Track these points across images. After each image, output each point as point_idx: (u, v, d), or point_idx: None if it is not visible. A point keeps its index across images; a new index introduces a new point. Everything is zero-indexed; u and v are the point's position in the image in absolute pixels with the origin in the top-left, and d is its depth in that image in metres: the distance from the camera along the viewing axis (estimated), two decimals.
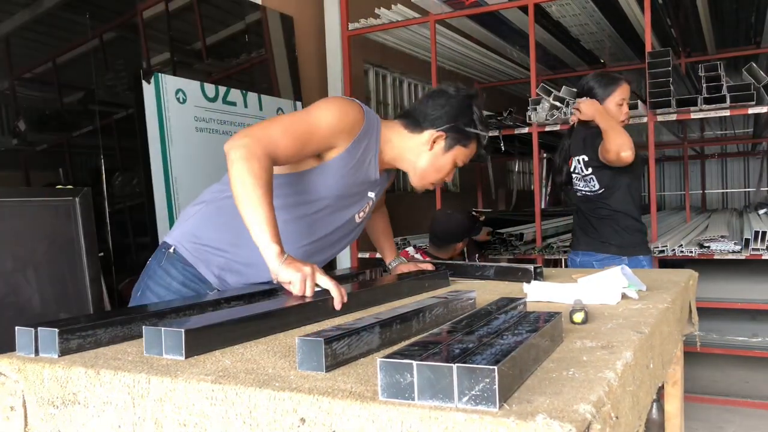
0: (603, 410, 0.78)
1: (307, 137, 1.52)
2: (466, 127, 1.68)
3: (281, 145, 1.47)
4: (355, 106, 1.61)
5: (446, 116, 1.67)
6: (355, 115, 1.59)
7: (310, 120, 1.53)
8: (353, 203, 1.71)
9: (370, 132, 1.64)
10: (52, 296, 2.33)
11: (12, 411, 1.06)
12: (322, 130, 1.54)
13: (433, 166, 1.71)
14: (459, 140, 1.69)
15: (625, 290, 1.54)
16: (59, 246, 2.37)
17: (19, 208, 2.28)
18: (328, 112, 1.55)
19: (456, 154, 1.70)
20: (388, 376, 0.78)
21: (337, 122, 1.55)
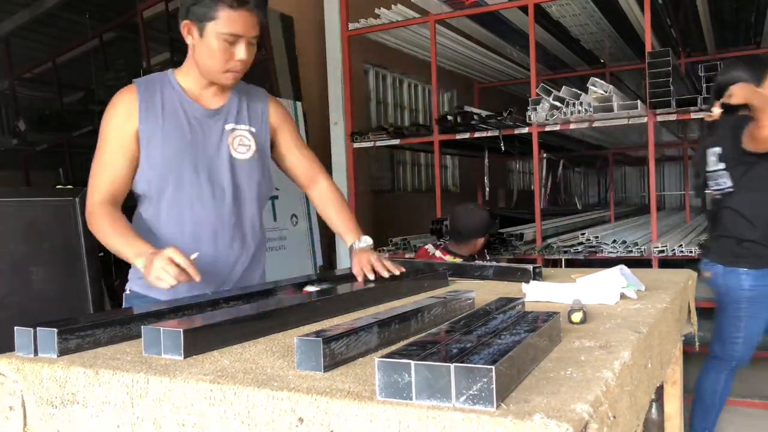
0: (600, 410, 0.78)
1: (109, 157, 1.64)
2: (199, 4, 1.57)
3: (102, 183, 1.63)
4: (121, 91, 1.68)
5: (183, 6, 1.61)
6: (121, 98, 1.66)
7: (100, 143, 1.66)
8: (213, 146, 1.68)
9: (155, 90, 1.67)
10: (52, 296, 2.33)
11: (11, 411, 1.06)
12: (111, 139, 1.64)
13: (204, 55, 1.62)
14: (203, 16, 1.57)
15: (623, 290, 1.54)
16: (59, 246, 2.37)
17: (19, 208, 2.29)
18: (104, 122, 1.66)
19: (211, 31, 1.58)
20: (386, 376, 0.78)
21: (113, 119, 1.65)
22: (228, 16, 1.56)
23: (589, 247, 3.87)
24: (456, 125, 4.07)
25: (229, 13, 1.56)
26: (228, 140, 1.70)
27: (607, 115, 3.55)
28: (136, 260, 1.49)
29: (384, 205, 5.84)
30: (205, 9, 1.56)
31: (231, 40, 1.59)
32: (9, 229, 2.24)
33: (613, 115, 3.55)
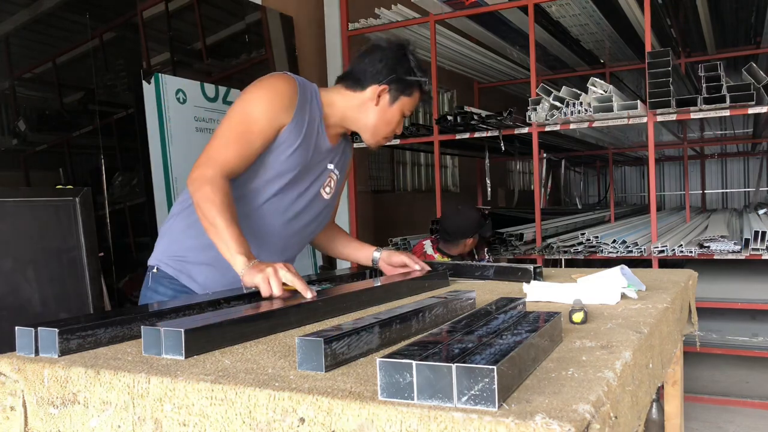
0: (602, 410, 0.78)
1: (249, 136, 1.57)
2: (406, 76, 1.70)
3: (229, 157, 1.55)
4: (283, 78, 1.64)
5: (386, 69, 1.69)
6: (286, 88, 1.63)
7: (244, 119, 1.58)
8: (315, 177, 1.74)
9: (308, 99, 1.67)
10: (52, 296, 2.33)
11: (12, 411, 1.06)
12: (261, 121, 1.58)
13: (382, 120, 1.73)
14: (402, 90, 1.71)
15: (624, 290, 1.54)
16: (59, 246, 2.37)
17: (19, 208, 2.29)
18: (259, 101, 1.59)
19: (402, 104, 1.73)
20: (387, 376, 0.78)
21: (271, 105, 1.59)
22: (416, 99, 1.75)
23: (589, 247, 3.87)
24: (456, 125, 4.07)
25: (417, 97, 1.75)
26: (325, 179, 1.79)
27: (607, 115, 3.56)
28: (234, 258, 1.44)
29: (384, 205, 5.84)
30: (408, 84, 1.71)
31: (405, 115, 1.77)
32: (9, 229, 2.24)
33: (613, 115, 3.55)
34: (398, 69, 1.70)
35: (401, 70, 1.70)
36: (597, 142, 6.06)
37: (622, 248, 3.72)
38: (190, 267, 1.67)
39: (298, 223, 1.74)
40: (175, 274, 1.67)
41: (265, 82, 1.64)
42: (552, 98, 3.73)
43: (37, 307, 2.27)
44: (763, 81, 3.38)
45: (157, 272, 1.69)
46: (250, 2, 4.17)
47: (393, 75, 1.69)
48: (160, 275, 1.69)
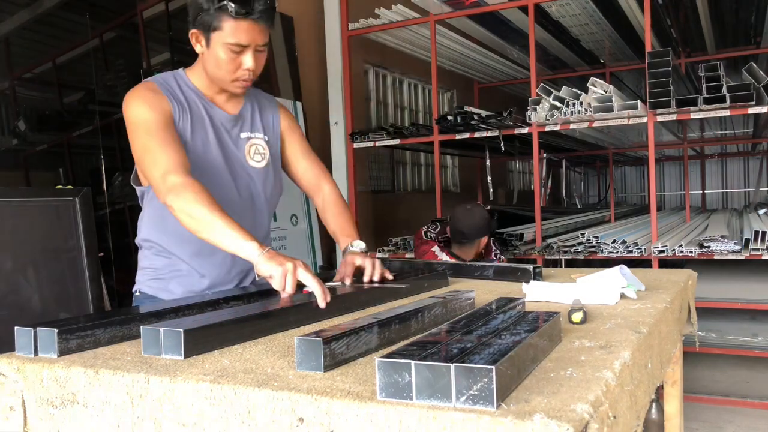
0: (601, 410, 0.78)
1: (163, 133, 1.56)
2: (204, 14, 1.56)
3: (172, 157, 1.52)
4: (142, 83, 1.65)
5: (191, 15, 1.60)
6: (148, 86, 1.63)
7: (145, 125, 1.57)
8: (231, 150, 1.70)
9: (174, 86, 1.66)
10: (52, 296, 2.33)
11: (11, 411, 1.06)
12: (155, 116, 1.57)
13: (210, 64, 1.62)
14: (208, 28, 1.57)
15: (623, 290, 1.54)
16: (59, 246, 2.37)
17: (19, 208, 2.29)
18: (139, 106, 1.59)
19: (216, 40, 1.57)
20: (386, 376, 0.78)
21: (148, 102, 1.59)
22: (232, 26, 1.55)
23: (589, 247, 3.87)
24: (456, 125, 4.07)
25: (233, 24, 1.55)
26: (245, 148, 1.73)
27: (607, 115, 3.56)
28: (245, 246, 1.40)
29: (384, 205, 5.84)
30: (209, 19, 1.55)
31: (237, 49, 1.58)
32: (9, 229, 2.24)
33: (613, 115, 3.55)
34: (198, 6, 1.57)
35: (200, 10, 1.57)
36: (597, 142, 6.06)
37: (622, 248, 3.72)
38: (166, 282, 1.71)
39: (241, 196, 1.69)
40: (153, 292, 1.71)
41: (131, 94, 1.63)
42: (552, 98, 3.73)
43: (37, 307, 2.27)
44: (763, 81, 3.38)
45: (139, 295, 1.75)
46: None
47: (196, 17, 1.59)
48: (141, 297, 1.74)
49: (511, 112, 3.86)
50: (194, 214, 1.44)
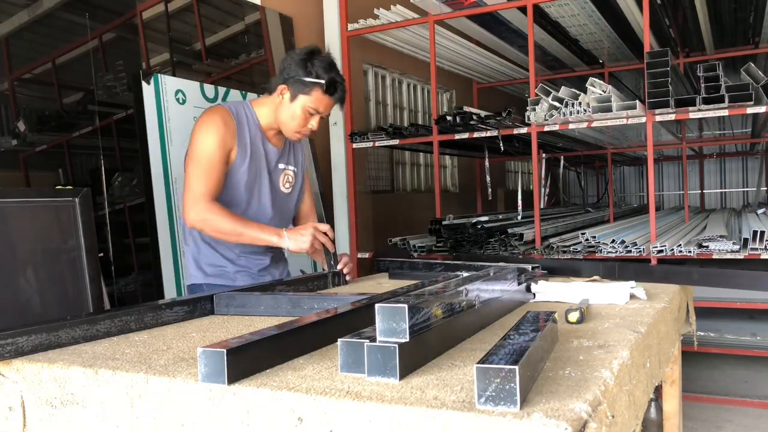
0: (599, 409, 0.79)
1: (214, 165, 1.93)
2: (304, 77, 1.96)
3: (209, 187, 1.91)
4: (220, 111, 1.98)
5: (287, 70, 1.99)
6: (225, 118, 1.96)
7: (205, 154, 1.93)
8: (271, 178, 2.09)
9: (244, 120, 2.02)
10: (52, 296, 2.33)
11: (11, 411, 1.06)
12: (217, 151, 1.93)
13: (286, 114, 2.01)
14: (299, 89, 1.97)
15: (633, 290, 1.54)
16: (59, 246, 2.37)
17: (19, 208, 2.28)
18: (210, 136, 1.93)
19: (303, 102, 1.98)
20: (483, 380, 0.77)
21: (219, 135, 1.94)
22: (319, 98, 1.97)
23: (588, 247, 3.87)
24: (455, 125, 4.07)
25: (321, 96, 1.97)
26: (281, 177, 2.14)
27: (606, 115, 3.56)
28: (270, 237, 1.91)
29: (383, 205, 5.84)
30: (304, 84, 1.96)
31: (313, 113, 2.00)
32: (9, 229, 2.24)
33: (611, 115, 3.55)
34: (298, 70, 1.97)
35: (301, 72, 1.96)
36: (596, 142, 6.06)
37: (621, 248, 3.72)
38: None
39: (266, 215, 2.08)
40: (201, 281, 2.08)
41: (207, 119, 1.97)
42: (551, 98, 3.73)
43: (37, 307, 2.27)
44: (762, 81, 3.39)
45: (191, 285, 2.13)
46: (250, 2, 4.17)
47: (292, 75, 1.97)
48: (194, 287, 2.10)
49: (510, 112, 3.87)
50: (223, 230, 1.91)
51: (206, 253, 2.07)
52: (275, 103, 2.03)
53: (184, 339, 1.22)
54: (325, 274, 1.99)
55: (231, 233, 1.91)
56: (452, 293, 1.08)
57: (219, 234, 1.93)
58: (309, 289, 1.87)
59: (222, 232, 1.92)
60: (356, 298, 1.37)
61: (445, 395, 0.80)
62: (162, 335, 1.27)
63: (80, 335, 1.21)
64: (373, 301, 1.16)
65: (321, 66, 1.98)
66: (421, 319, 0.92)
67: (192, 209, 1.90)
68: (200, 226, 1.92)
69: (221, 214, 1.89)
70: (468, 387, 0.83)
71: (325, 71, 1.97)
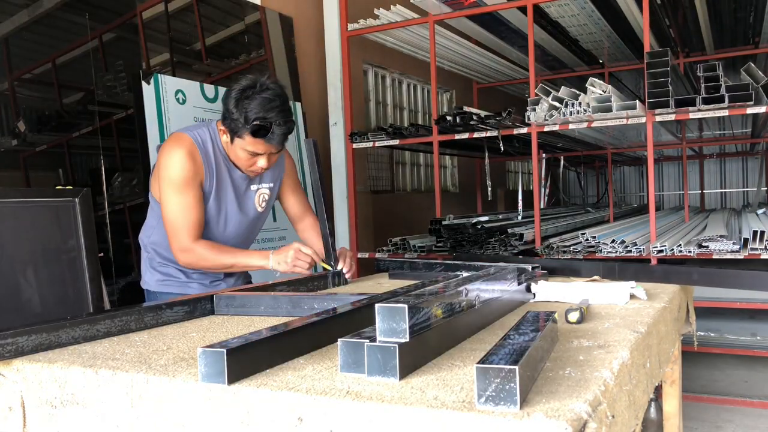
0: (599, 409, 0.79)
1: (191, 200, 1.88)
2: (232, 119, 1.82)
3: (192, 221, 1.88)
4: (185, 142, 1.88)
5: (224, 110, 1.86)
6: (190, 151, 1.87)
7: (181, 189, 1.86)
8: (243, 202, 2.05)
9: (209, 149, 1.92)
10: (52, 296, 2.33)
11: (11, 411, 1.06)
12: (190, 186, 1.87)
13: (231, 152, 1.93)
14: (234, 130, 1.85)
15: (633, 290, 1.54)
16: (59, 246, 2.37)
17: (19, 208, 2.28)
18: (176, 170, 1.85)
19: (238, 144, 1.87)
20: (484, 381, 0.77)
21: (187, 169, 1.86)
22: (251, 141, 1.84)
23: (588, 247, 3.87)
24: (455, 125, 4.07)
25: (252, 140, 1.83)
26: (255, 197, 2.08)
27: (606, 116, 3.56)
28: (268, 261, 1.92)
29: (383, 205, 5.84)
30: (235, 127, 1.83)
31: (253, 154, 1.89)
32: (9, 229, 2.24)
33: (611, 115, 3.55)
34: (231, 110, 1.81)
35: (233, 112, 1.81)
36: (596, 142, 6.06)
37: (621, 248, 3.72)
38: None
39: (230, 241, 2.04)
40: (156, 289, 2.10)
41: (168, 148, 1.88)
42: (551, 98, 3.73)
43: (37, 307, 2.27)
44: (762, 81, 3.38)
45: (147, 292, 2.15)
46: (250, 3, 4.17)
47: (225, 118, 1.85)
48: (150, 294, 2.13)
49: (510, 112, 3.86)
50: (213, 266, 1.93)
51: (160, 262, 2.06)
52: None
53: (184, 339, 1.22)
54: (325, 275, 1.99)
55: (222, 267, 1.95)
56: (452, 293, 1.08)
57: (210, 269, 1.97)
58: (309, 289, 1.87)
59: (213, 268, 1.96)
60: (356, 298, 1.37)
61: (445, 395, 0.80)
62: (162, 335, 1.27)
63: (80, 335, 1.21)
64: (373, 301, 1.17)
65: (254, 105, 1.78)
66: (421, 319, 0.92)
67: (183, 253, 1.90)
68: (194, 266, 1.95)
69: (212, 252, 1.90)
70: (468, 387, 0.83)
71: (255, 111, 1.78)
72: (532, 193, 4.15)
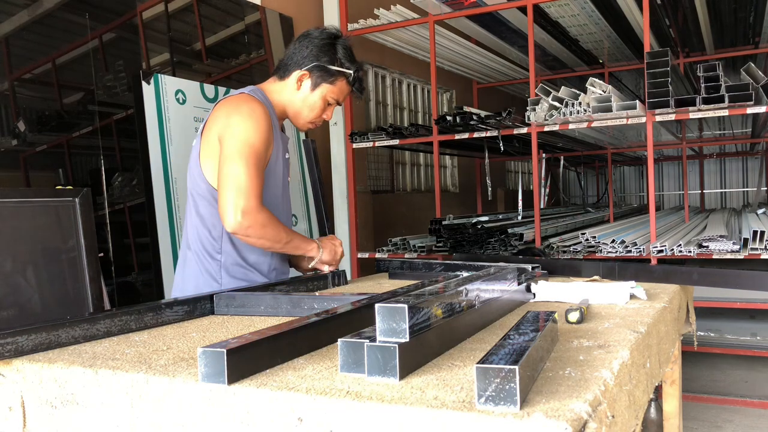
0: (599, 409, 0.79)
1: (261, 163, 1.74)
2: (329, 65, 1.80)
3: (256, 185, 1.69)
4: (256, 103, 1.76)
5: (310, 56, 1.81)
6: (264, 112, 1.76)
7: (252, 149, 1.71)
8: (285, 168, 1.94)
9: (269, 109, 1.82)
10: (52, 296, 2.33)
11: (11, 411, 1.06)
12: (263, 148, 1.74)
13: (304, 104, 1.85)
14: (324, 78, 1.81)
15: (633, 290, 1.54)
16: (59, 246, 2.37)
17: (19, 208, 2.29)
18: (257, 131, 1.72)
19: (324, 91, 1.83)
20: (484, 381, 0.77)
21: (266, 132, 1.75)
22: (342, 89, 1.84)
23: (588, 247, 3.87)
24: (455, 125, 4.07)
25: (345, 87, 1.84)
26: (288, 168, 1.98)
27: (606, 115, 3.56)
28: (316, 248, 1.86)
29: (383, 205, 5.84)
30: (329, 74, 1.81)
31: (332, 103, 1.86)
32: (9, 229, 2.24)
33: (611, 115, 3.55)
34: (321, 57, 1.80)
35: (324, 59, 1.80)
36: (596, 142, 6.06)
37: (621, 248, 3.72)
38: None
39: (284, 203, 1.94)
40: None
41: (249, 109, 1.74)
42: (551, 98, 3.73)
43: (37, 307, 2.27)
44: (762, 81, 3.39)
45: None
46: (250, 3, 4.17)
47: (315, 62, 1.80)
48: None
49: (510, 112, 3.86)
50: (273, 236, 1.72)
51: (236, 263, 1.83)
52: (289, 91, 1.85)
53: (184, 339, 1.22)
54: (325, 275, 1.99)
55: (280, 241, 1.74)
56: (452, 293, 1.08)
57: (266, 241, 1.72)
58: (309, 289, 1.87)
59: (271, 240, 1.72)
60: (356, 298, 1.37)
61: (445, 395, 0.80)
62: (162, 335, 1.27)
63: (80, 335, 1.21)
64: (373, 301, 1.17)
65: (346, 53, 1.83)
66: (421, 319, 0.92)
67: (244, 214, 1.65)
68: (250, 232, 1.68)
69: (273, 219, 1.72)
70: (468, 387, 0.83)
71: (350, 60, 1.83)
72: (532, 193, 4.15)
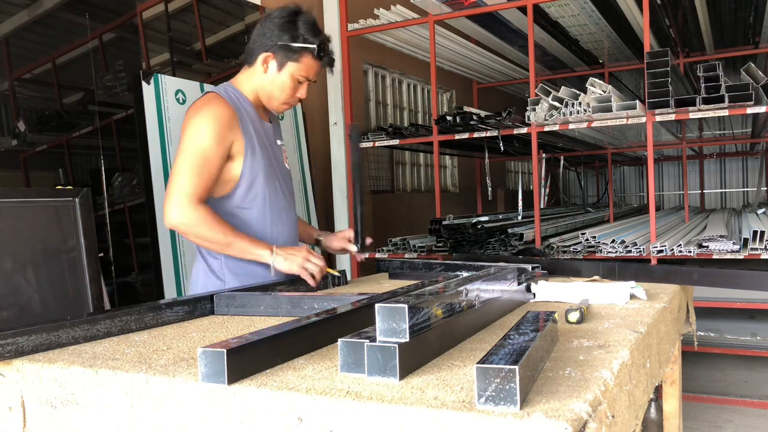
0: (599, 409, 0.79)
1: (208, 163, 1.70)
2: (291, 42, 1.78)
3: (195, 186, 1.67)
4: (217, 100, 1.74)
5: (272, 36, 1.78)
6: (224, 110, 1.73)
7: (199, 150, 1.69)
8: (277, 157, 1.92)
9: (238, 104, 1.80)
10: (52, 296, 2.33)
11: (11, 411, 1.06)
12: (214, 148, 1.70)
13: (274, 85, 1.83)
14: (288, 56, 1.79)
15: (633, 290, 1.54)
16: (59, 246, 2.37)
17: (19, 208, 2.29)
18: (207, 131, 1.70)
19: (291, 70, 1.81)
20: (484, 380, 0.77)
21: (219, 131, 1.71)
22: (309, 64, 1.80)
23: (588, 247, 3.87)
24: (455, 125, 4.07)
25: (311, 63, 1.80)
26: (282, 154, 1.96)
27: (606, 115, 3.56)
28: (270, 253, 1.72)
29: (383, 205, 5.84)
30: (290, 51, 1.78)
31: (302, 81, 1.83)
32: (9, 229, 2.24)
33: (611, 115, 3.55)
34: (282, 35, 1.77)
35: (285, 36, 1.77)
36: (596, 142, 6.06)
37: (621, 248, 3.72)
38: None
39: (288, 200, 1.93)
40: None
41: (203, 108, 1.73)
42: (551, 98, 3.73)
43: (37, 307, 2.27)
44: (762, 81, 3.38)
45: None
46: (249, 3, 4.17)
47: (277, 41, 1.77)
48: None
49: (510, 112, 3.86)
50: (208, 236, 1.68)
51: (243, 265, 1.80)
52: (258, 76, 1.83)
53: (184, 339, 1.22)
54: (325, 275, 1.98)
55: (218, 242, 1.69)
56: (452, 293, 1.08)
57: (203, 241, 1.70)
58: (309, 289, 1.87)
59: (207, 240, 1.69)
60: (356, 298, 1.37)
61: (445, 395, 0.80)
62: (162, 335, 1.27)
63: (80, 335, 1.21)
64: (373, 301, 1.17)
65: (308, 28, 1.79)
66: (421, 319, 0.92)
67: (174, 209, 1.66)
68: (183, 229, 1.69)
69: (210, 219, 1.67)
70: (468, 387, 0.83)
71: (313, 34, 1.79)
72: (532, 193, 4.15)
